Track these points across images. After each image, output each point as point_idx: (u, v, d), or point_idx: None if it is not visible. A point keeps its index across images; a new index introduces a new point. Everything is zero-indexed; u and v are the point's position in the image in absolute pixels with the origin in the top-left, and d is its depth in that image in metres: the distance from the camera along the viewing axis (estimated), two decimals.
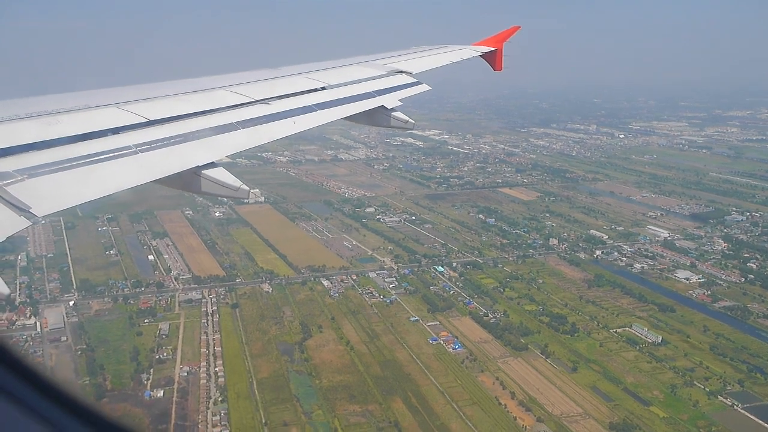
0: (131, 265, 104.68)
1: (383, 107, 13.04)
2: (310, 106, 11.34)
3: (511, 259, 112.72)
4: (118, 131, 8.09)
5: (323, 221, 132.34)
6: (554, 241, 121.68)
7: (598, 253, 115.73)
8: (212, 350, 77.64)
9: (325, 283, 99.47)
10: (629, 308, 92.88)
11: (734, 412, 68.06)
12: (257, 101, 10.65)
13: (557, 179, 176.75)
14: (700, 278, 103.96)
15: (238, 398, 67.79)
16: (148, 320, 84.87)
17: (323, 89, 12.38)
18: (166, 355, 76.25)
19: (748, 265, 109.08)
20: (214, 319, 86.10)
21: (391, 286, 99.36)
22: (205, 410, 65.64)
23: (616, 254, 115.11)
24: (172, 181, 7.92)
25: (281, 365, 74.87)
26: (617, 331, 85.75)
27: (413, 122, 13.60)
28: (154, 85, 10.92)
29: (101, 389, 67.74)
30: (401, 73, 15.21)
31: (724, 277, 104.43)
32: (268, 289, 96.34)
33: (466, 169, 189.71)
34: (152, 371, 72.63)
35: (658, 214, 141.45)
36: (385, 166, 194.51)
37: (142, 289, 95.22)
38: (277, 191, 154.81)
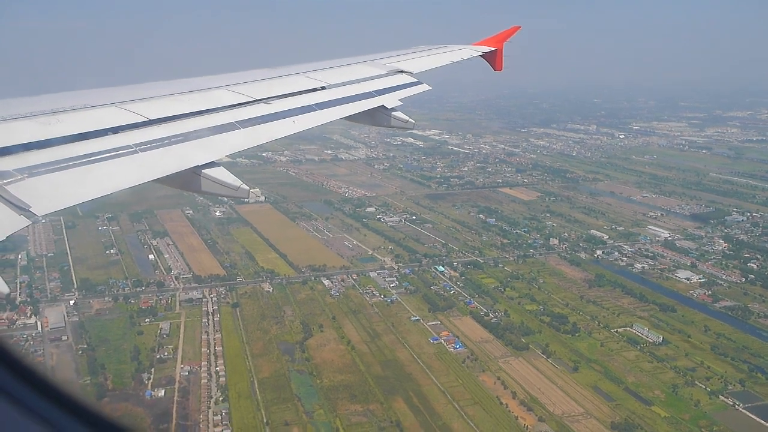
0: (132, 264, 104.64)
1: (383, 107, 13.01)
2: (310, 105, 11.31)
3: (511, 258, 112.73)
4: (117, 130, 8.08)
5: (324, 221, 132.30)
6: (555, 241, 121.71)
7: (598, 253, 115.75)
8: (213, 350, 77.60)
9: (325, 282, 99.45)
10: (630, 308, 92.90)
11: (735, 411, 68.08)
12: (257, 101, 10.62)
13: (557, 179, 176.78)
14: (700, 278, 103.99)
15: (239, 398, 67.73)
16: (148, 319, 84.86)
17: (323, 89, 12.37)
18: (166, 354, 76.22)
19: (748, 265, 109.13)
20: (214, 318, 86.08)
21: (391, 285, 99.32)
22: (206, 410, 65.58)
23: (616, 254, 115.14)
24: (172, 180, 7.91)
25: (282, 365, 74.83)
26: (618, 330, 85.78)
27: (413, 122, 13.56)
28: (153, 84, 10.90)
29: (102, 389, 67.71)
30: (401, 72, 15.17)
31: (724, 277, 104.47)
32: (268, 288, 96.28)
33: (466, 168, 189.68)
34: (153, 371, 72.56)
35: (658, 214, 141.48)
36: (385, 165, 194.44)
37: (142, 288, 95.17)
38: (277, 191, 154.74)
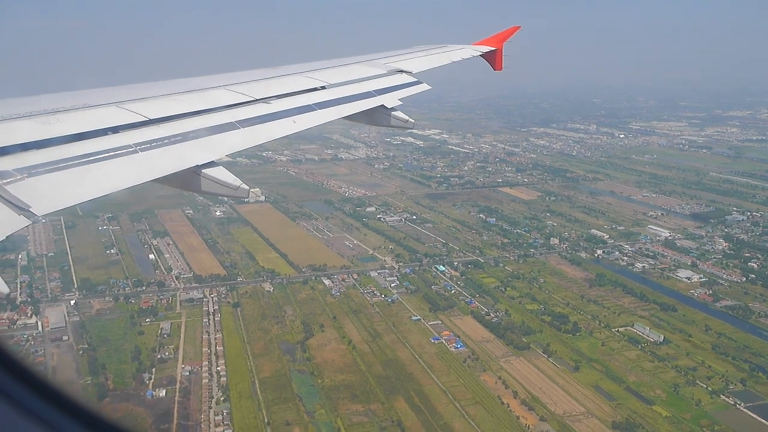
0: (132, 264, 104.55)
1: (383, 106, 13.01)
2: (309, 105, 11.31)
3: (512, 258, 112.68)
4: (117, 130, 8.07)
5: (324, 220, 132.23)
6: (555, 240, 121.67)
7: (599, 252, 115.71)
8: (214, 349, 77.52)
9: (326, 282, 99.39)
10: (631, 307, 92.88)
11: (737, 411, 68.06)
12: (257, 100, 10.60)
13: (558, 179, 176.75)
14: (701, 278, 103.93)
15: (240, 398, 67.66)
16: (149, 319, 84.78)
17: (323, 88, 12.37)
18: (167, 354, 76.12)
19: (749, 264, 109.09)
20: (215, 318, 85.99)
21: (392, 285, 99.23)
22: (207, 410, 65.50)
23: (617, 254, 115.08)
24: (171, 180, 7.91)
25: (283, 364, 74.76)
26: (619, 330, 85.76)
27: (413, 122, 13.55)
28: (153, 84, 10.89)
29: (103, 389, 67.66)
30: (401, 72, 15.16)
31: (725, 276, 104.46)
32: (269, 288, 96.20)
33: (466, 168, 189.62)
34: (154, 371, 72.49)
35: (658, 213, 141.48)
36: (385, 165, 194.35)
37: (143, 288, 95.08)
38: (277, 190, 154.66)
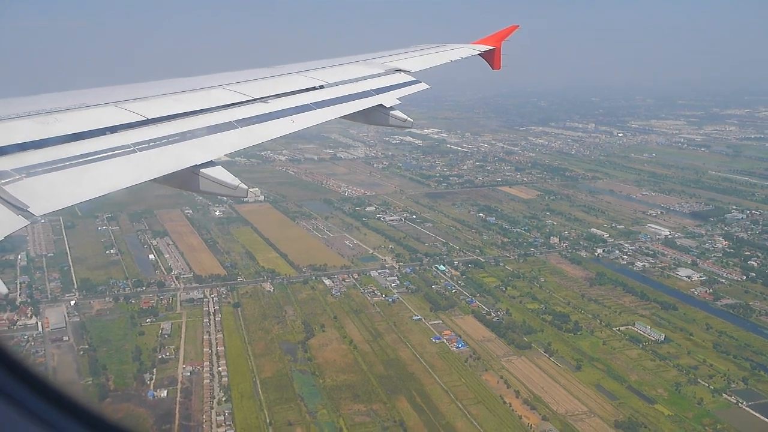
0: (132, 264, 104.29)
1: (382, 106, 12.99)
2: (308, 104, 11.29)
3: (512, 257, 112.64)
4: (115, 130, 8.05)
5: (323, 220, 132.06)
6: (555, 239, 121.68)
7: (599, 251, 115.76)
8: (215, 350, 77.34)
9: (326, 282, 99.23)
10: (631, 306, 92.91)
11: (739, 409, 68.08)
12: (255, 100, 10.58)
13: (557, 178, 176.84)
14: (701, 276, 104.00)
15: (241, 398, 67.50)
16: (149, 320, 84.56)
17: (321, 88, 12.36)
18: (168, 354, 75.95)
19: (749, 263, 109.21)
20: (216, 318, 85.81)
21: (392, 284, 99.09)
22: (209, 410, 65.33)
23: (617, 252, 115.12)
24: (170, 180, 7.90)
25: (284, 364, 74.61)
26: (620, 329, 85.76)
27: (412, 121, 13.51)
28: (151, 83, 10.86)
29: (104, 389, 67.51)
30: (400, 71, 15.14)
31: (725, 275, 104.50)
32: (269, 288, 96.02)
33: (465, 167, 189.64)
34: (155, 371, 72.27)
35: (658, 212, 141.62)
36: (384, 164, 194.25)
37: (143, 288, 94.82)
38: (276, 190, 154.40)
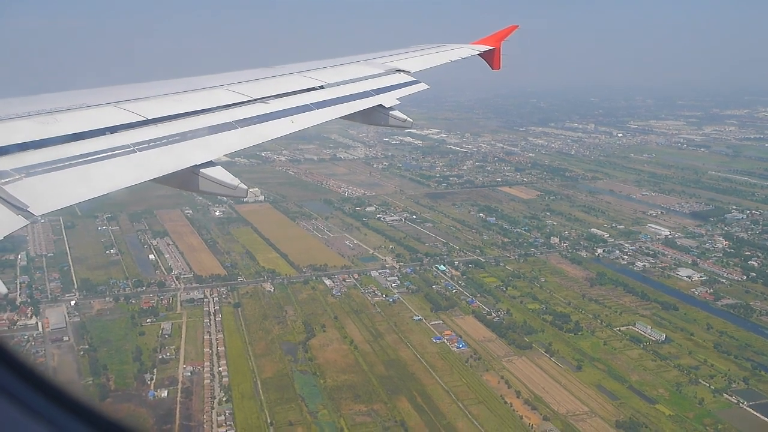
0: (132, 264, 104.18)
1: (381, 106, 12.98)
2: (308, 104, 11.29)
3: (512, 257, 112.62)
4: (115, 130, 8.05)
5: (324, 220, 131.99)
6: (555, 239, 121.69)
7: (599, 251, 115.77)
8: (215, 350, 77.24)
9: (327, 282, 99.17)
10: (632, 306, 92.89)
11: (740, 409, 68.09)
12: (255, 100, 10.58)
13: (557, 178, 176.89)
14: (702, 276, 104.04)
15: (242, 398, 67.41)
16: (150, 320, 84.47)
17: (321, 88, 12.34)
18: (169, 354, 75.84)
19: (749, 263, 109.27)
20: (216, 318, 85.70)
21: (393, 285, 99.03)
22: (209, 410, 65.24)
23: (617, 252, 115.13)
24: (170, 180, 7.90)
25: (285, 365, 74.53)
26: (621, 329, 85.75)
27: (411, 121, 13.49)
28: (151, 83, 10.86)
29: (105, 389, 67.40)
30: (399, 71, 15.11)
31: (725, 275, 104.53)
32: (269, 288, 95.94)
33: (465, 167, 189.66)
34: (155, 371, 72.17)
35: (658, 212, 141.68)
36: (384, 165, 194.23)
37: (143, 288, 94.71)
38: (276, 190, 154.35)
